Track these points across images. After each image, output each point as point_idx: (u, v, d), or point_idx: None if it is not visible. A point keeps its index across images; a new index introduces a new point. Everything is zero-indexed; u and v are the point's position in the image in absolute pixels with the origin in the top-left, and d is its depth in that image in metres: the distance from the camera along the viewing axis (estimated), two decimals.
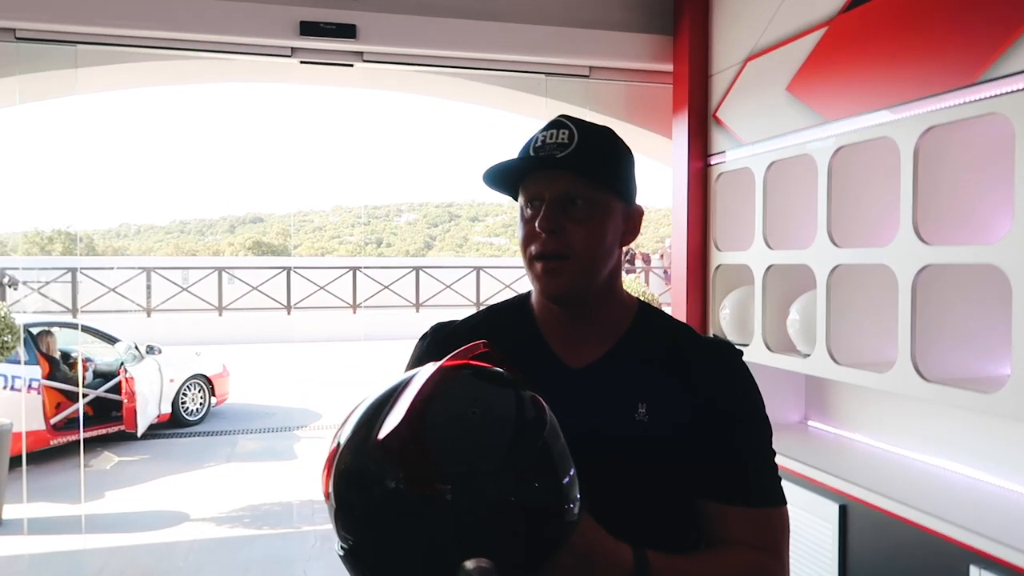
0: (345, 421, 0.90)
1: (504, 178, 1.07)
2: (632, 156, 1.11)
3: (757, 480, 1.06)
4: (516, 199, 1.09)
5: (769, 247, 2.92)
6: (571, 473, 0.87)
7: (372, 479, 0.84)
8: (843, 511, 2.35)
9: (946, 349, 2.25)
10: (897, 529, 2.14)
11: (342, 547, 0.87)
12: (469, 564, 0.79)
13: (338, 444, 0.88)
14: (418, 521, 0.81)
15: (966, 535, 1.91)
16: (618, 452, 1.01)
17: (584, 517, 0.89)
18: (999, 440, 2.27)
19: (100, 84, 3.74)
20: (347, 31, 3.25)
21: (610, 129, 1.10)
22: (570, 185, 1.02)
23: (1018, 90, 1.89)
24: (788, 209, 2.95)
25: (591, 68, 3.75)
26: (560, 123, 1.05)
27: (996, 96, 1.95)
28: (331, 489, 0.87)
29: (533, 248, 1.03)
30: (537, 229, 1.01)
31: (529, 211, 1.04)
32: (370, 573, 0.86)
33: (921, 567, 2.07)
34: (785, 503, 1.08)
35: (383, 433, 0.83)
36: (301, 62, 3.41)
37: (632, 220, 1.10)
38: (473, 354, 0.93)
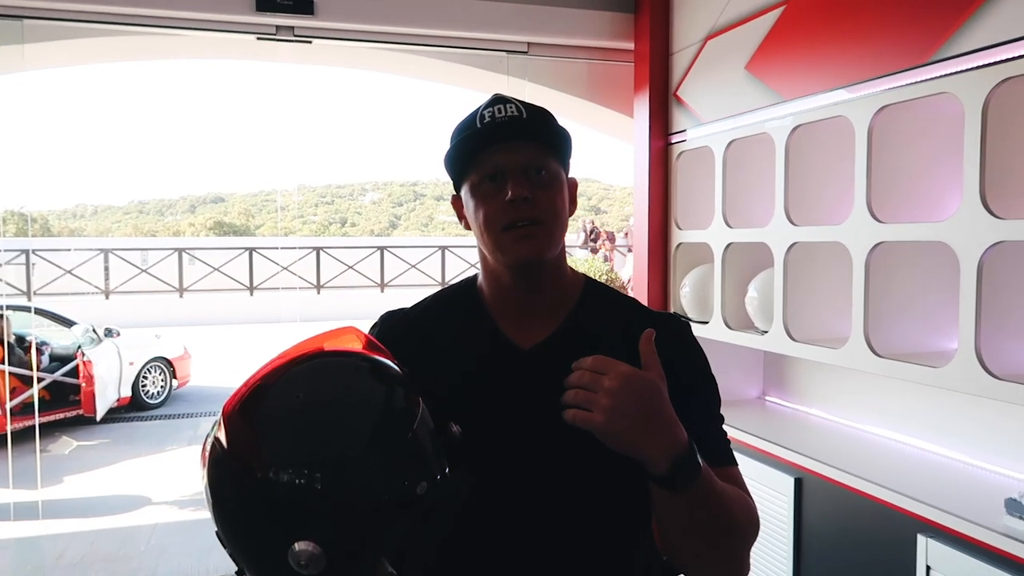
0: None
1: (462, 153, 1.06)
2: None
3: (714, 441, 1.09)
4: (459, 184, 1.09)
5: (728, 226, 2.95)
6: (417, 443, 0.89)
7: (214, 461, 0.90)
8: (798, 484, 2.40)
9: (897, 325, 2.30)
10: (849, 500, 2.20)
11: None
12: (298, 546, 0.82)
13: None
14: (247, 502, 0.85)
15: (914, 505, 1.97)
16: (572, 428, 1.02)
17: (659, 384, 0.93)
18: (947, 412, 2.34)
19: (50, 60, 3.62)
20: (304, 6, 3.19)
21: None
22: (532, 155, 1.04)
23: (967, 70, 1.93)
24: (747, 188, 2.98)
25: (553, 46, 3.73)
26: (503, 98, 1.07)
27: (946, 76, 1.99)
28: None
29: (504, 219, 1.03)
30: (511, 197, 1.01)
31: (488, 186, 1.04)
32: (232, 557, 0.90)
33: (871, 536, 2.13)
34: (737, 463, 1.11)
35: (220, 416, 0.89)
36: (258, 38, 3.34)
37: (572, 191, 1.13)
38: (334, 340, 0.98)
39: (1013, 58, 1.81)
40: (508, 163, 1.03)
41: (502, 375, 1.07)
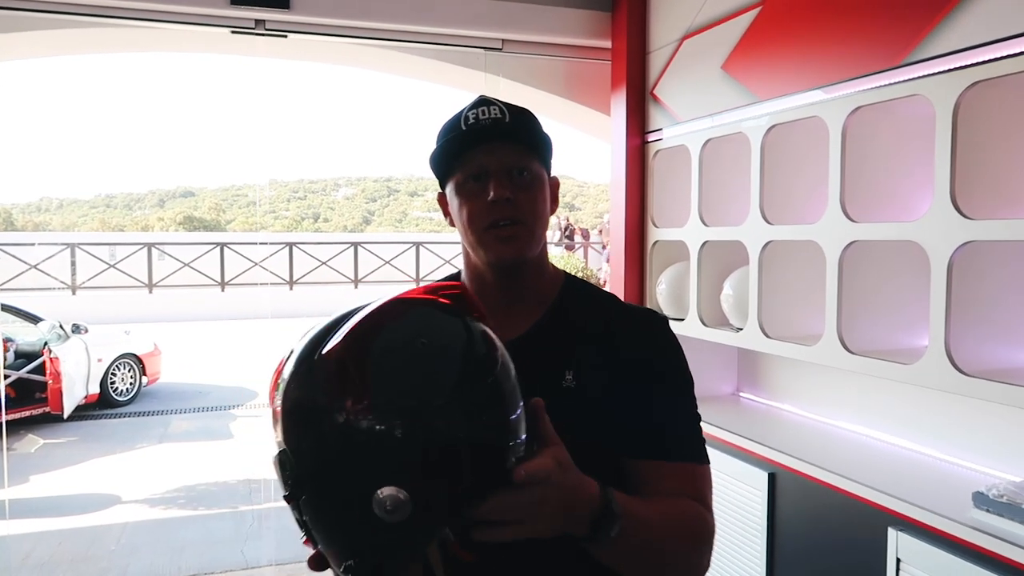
0: (304, 334, 0.92)
1: (447, 153, 1.08)
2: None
3: (687, 437, 1.11)
4: (444, 183, 1.11)
5: (704, 224, 2.98)
6: (519, 412, 0.88)
7: (309, 398, 0.85)
8: (772, 479, 2.44)
9: (870, 322, 2.34)
10: (822, 495, 2.24)
11: (278, 451, 0.88)
12: (383, 492, 0.80)
13: (289, 353, 0.90)
14: (346, 446, 0.82)
15: (885, 499, 2.01)
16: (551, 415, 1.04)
17: (550, 447, 0.89)
18: (917, 408, 2.39)
19: (15, 51, 3.55)
20: (280, 0, 3.16)
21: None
22: (514, 156, 1.06)
23: (938, 73, 1.96)
24: (723, 186, 3.01)
25: (529, 43, 3.73)
26: (487, 101, 1.09)
27: (918, 78, 2.02)
28: (276, 402, 0.88)
29: (487, 218, 1.05)
30: (493, 197, 1.04)
31: (472, 186, 1.06)
32: (294, 483, 0.86)
33: (843, 530, 2.17)
34: (709, 462, 1.12)
35: (324, 351, 0.85)
36: (232, 31, 3.30)
37: (554, 191, 1.15)
38: (443, 293, 0.93)
39: (983, 62, 1.85)
40: (491, 164, 1.05)
41: None
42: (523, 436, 0.89)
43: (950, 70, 1.93)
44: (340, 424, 0.82)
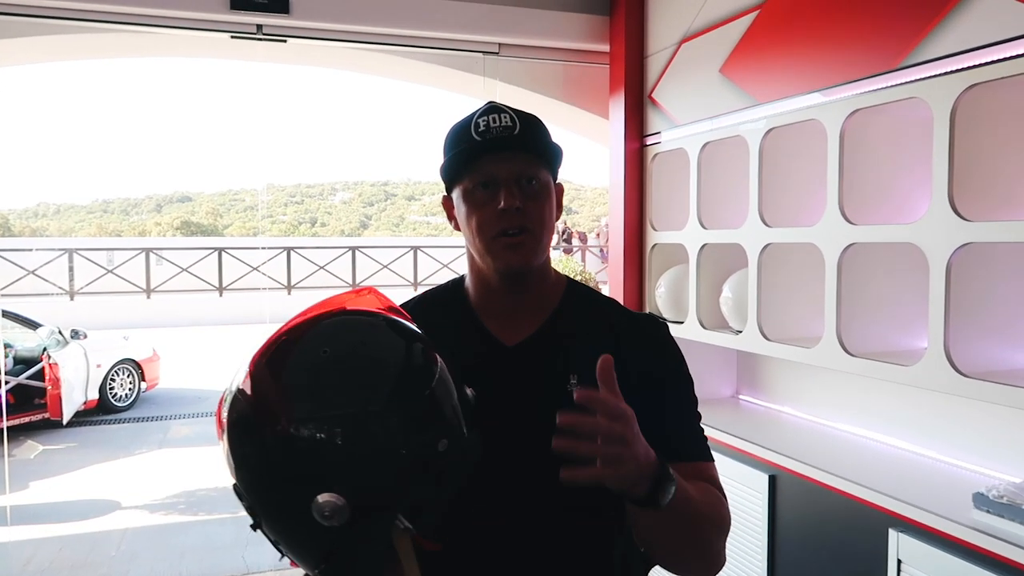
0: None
1: (457, 159, 1.09)
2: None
3: (692, 437, 1.14)
4: (451, 187, 1.12)
5: (703, 227, 2.99)
6: (436, 390, 0.92)
7: (238, 420, 0.90)
8: (772, 481, 2.44)
9: (869, 324, 2.35)
10: (823, 496, 2.24)
11: (232, 485, 0.94)
12: (322, 498, 0.83)
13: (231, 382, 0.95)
14: (274, 459, 0.86)
15: (886, 500, 2.02)
16: (553, 422, 1.05)
17: (632, 413, 0.91)
18: (917, 409, 2.39)
19: (14, 57, 3.55)
20: (280, 5, 3.17)
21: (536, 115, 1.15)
22: (523, 165, 1.07)
23: (936, 75, 1.97)
24: (721, 189, 3.02)
25: (527, 47, 3.75)
26: (498, 108, 1.10)
27: (916, 81, 2.03)
28: (222, 425, 0.94)
29: (496, 227, 1.06)
30: (503, 207, 1.05)
31: (481, 193, 1.07)
32: (250, 509, 0.91)
33: (844, 532, 2.17)
34: (713, 460, 1.16)
35: (242, 377, 0.90)
36: (232, 36, 3.31)
37: (559, 197, 1.17)
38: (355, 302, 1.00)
39: (980, 64, 1.86)
40: (501, 172, 1.06)
41: (488, 370, 1.11)
42: (457, 434, 0.92)
43: (948, 73, 1.94)
44: (265, 440, 0.86)
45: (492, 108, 1.09)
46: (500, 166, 1.06)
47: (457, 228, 1.14)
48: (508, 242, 1.06)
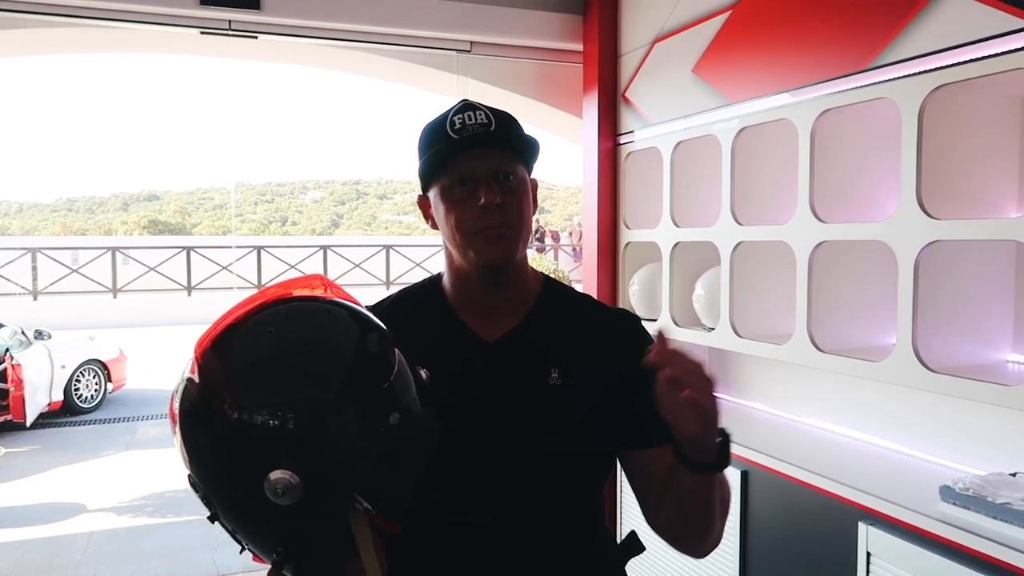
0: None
1: (433, 158, 1.09)
2: None
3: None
4: (428, 186, 1.12)
5: (676, 225, 3.01)
6: (393, 375, 0.92)
7: (187, 409, 0.91)
8: (744, 476, 2.46)
9: (839, 321, 2.38)
10: (793, 491, 2.27)
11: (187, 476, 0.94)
12: (274, 475, 0.83)
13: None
14: (223, 443, 0.86)
15: (855, 494, 2.04)
16: (535, 415, 1.06)
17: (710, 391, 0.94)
18: (885, 404, 2.43)
19: None
20: (251, 1, 3.13)
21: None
22: (501, 161, 1.08)
23: (904, 76, 2.01)
24: (694, 188, 3.04)
25: (499, 46, 3.74)
26: (473, 105, 1.10)
27: (884, 81, 2.07)
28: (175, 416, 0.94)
29: (475, 223, 1.06)
30: (483, 203, 1.05)
31: (459, 191, 1.07)
32: (206, 500, 0.92)
33: (815, 526, 2.20)
34: None
35: (189, 368, 0.90)
36: (202, 32, 3.26)
37: (534, 193, 1.18)
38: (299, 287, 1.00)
39: (947, 65, 1.90)
40: (479, 169, 1.06)
41: (468, 366, 1.11)
42: (410, 414, 0.92)
43: (916, 73, 1.97)
44: (218, 425, 0.87)
45: (467, 106, 1.09)
46: (477, 163, 1.06)
47: (434, 227, 1.14)
48: (489, 235, 1.07)
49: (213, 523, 0.91)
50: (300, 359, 0.89)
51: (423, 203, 1.16)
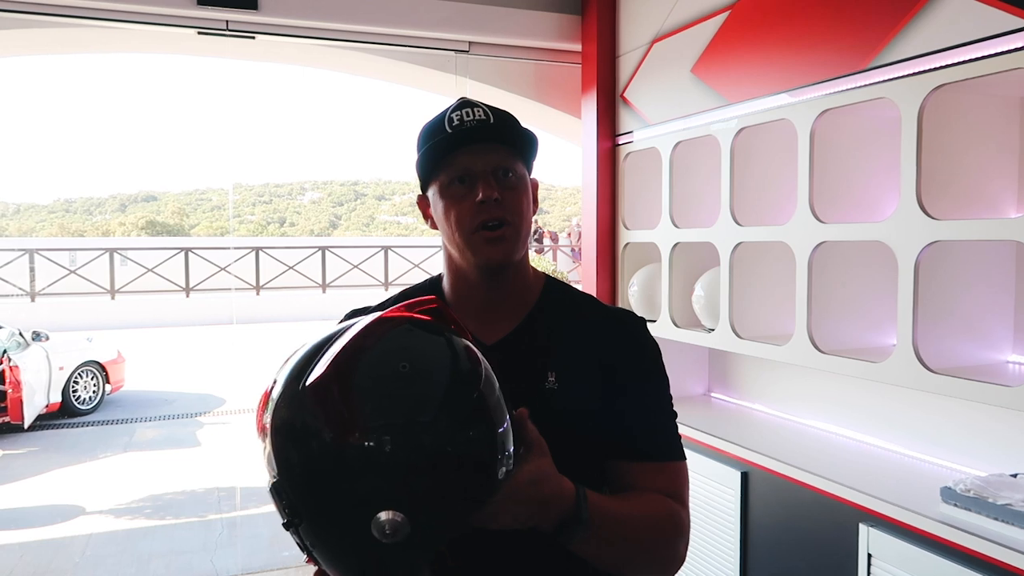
0: (285, 362, 0.91)
1: (432, 155, 1.08)
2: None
3: (664, 436, 1.13)
4: (427, 185, 1.11)
5: (675, 226, 3.00)
6: (506, 425, 0.89)
7: (297, 426, 0.86)
8: (744, 477, 2.46)
9: (839, 321, 2.38)
10: (794, 492, 2.26)
11: (272, 481, 0.88)
12: (382, 516, 0.81)
13: (273, 383, 0.90)
14: (337, 470, 0.82)
15: (856, 495, 2.04)
16: (532, 421, 1.05)
17: (532, 454, 0.92)
18: (886, 405, 2.43)
19: None
20: (248, 1, 3.12)
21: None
22: (499, 158, 1.07)
23: (903, 76, 2.00)
24: (693, 188, 3.04)
25: (498, 46, 3.74)
26: (470, 103, 1.09)
27: (884, 81, 2.06)
28: (264, 428, 0.89)
29: (475, 220, 1.05)
30: (481, 198, 1.04)
31: (458, 188, 1.07)
32: (291, 511, 0.87)
33: (815, 527, 2.20)
34: (685, 458, 1.15)
35: (311, 380, 0.85)
36: (199, 32, 3.26)
37: (535, 192, 1.16)
38: (419, 308, 0.94)
39: (947, 65, 1.89)
40: (477, 165, 1.06)
41: None
42: (511, 448, 0.90)
43: (915, 73, 1.97)
44: (331, 450, 0.83)
45: (465, 103, 1.09)
46: (476, 159, 1.06)
47: (433, 227, 1.13)
48: (488, 236, 1.06)
49: (287, 530, 0.88)
50: (424, 387, 0.85)
51: (422, 203, 1.15)
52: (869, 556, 1.97)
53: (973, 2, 1.83)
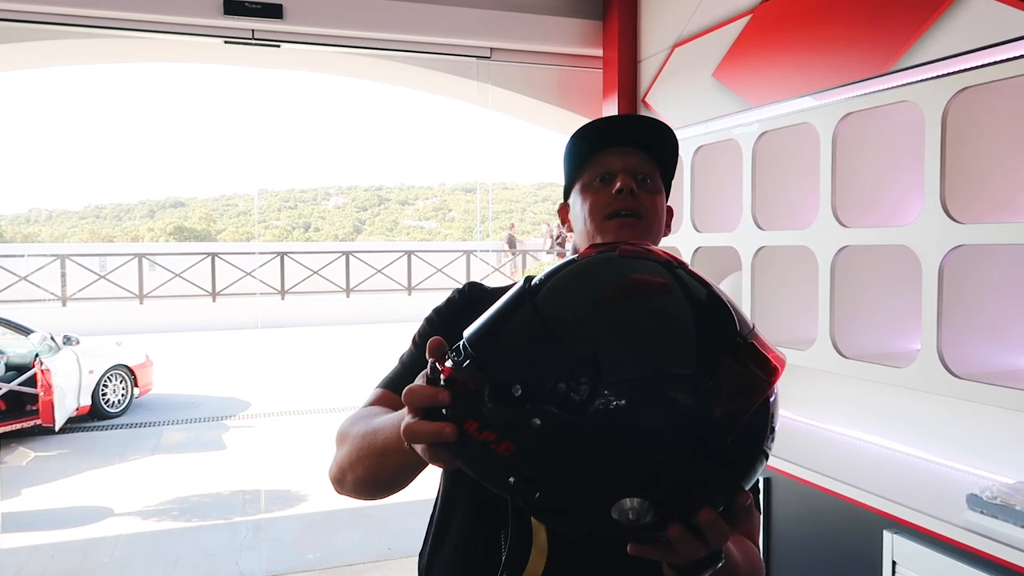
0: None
1: (576, 157, 1.12)
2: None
3: (755, 486, 1.10)
4: (570, 188, 1.15)
5: (697, 230, 2.99)
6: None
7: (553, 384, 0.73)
8: (768, 483, 2.44)
9: (862, 326, 2.36)
10: (817, 499, 2.25)
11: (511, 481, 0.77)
12: (628, 502, 0.74)
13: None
14: (588, 438, 0.73)
15: (880, 502, 2.02)
16: None
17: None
18: (911, 411, 2.40)
19: (7, 62, 3.54)
20: (273, 11, 3.17)
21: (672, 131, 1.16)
22: (640, 162, 1.10)
23: (927, 79, 1.98)
24: (715, 193, 3.03)
25: (520, 52, 3.76)
26: (627, 115, 1.13)
27: (908, 84, 2.05)
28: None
29: (609, 208, 1.08)
30: (619, 187, 1.07)
31: (598, 184, 1.10)
32: (532, 486, 0.76)
33: (839, 534, 2.18)
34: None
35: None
36: (225, 42, 3.31)
37: (669, 217, 1.17)
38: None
39: (971, 68, 1.87)
40: (617, 165, 1.10)
41: None
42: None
43: (939, 76, 1.95)
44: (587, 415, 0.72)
45: (621, 116, 1.12)
46: (617, 160, 1.09)
47: (571, 230, 1.16)
48: (621, 222, 1.08)
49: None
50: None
51: (563, 210, 1.19)
52: (894, 563, 1.95)
53: (997, 4, 1.81)
